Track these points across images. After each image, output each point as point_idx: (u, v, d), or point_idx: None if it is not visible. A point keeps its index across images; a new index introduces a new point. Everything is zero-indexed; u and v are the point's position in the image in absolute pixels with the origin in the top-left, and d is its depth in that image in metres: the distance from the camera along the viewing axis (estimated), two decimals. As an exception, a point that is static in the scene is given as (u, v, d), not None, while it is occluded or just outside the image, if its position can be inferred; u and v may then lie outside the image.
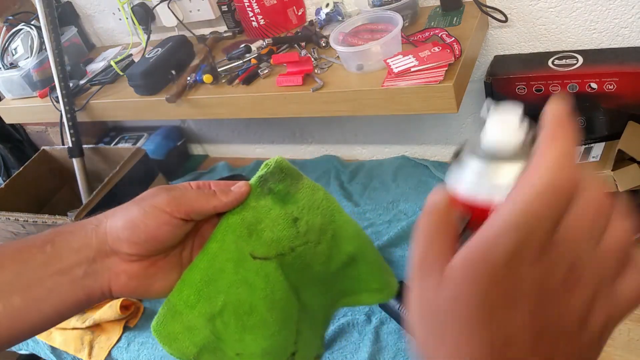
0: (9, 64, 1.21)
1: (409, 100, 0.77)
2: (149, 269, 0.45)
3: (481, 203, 0.28)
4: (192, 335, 0.45)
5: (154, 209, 0.43)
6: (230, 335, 0.46)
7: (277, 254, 0.48)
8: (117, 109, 1.09)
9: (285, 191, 0.48)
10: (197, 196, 0.45)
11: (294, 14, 1.02)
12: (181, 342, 0.45)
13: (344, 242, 0.52)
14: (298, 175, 0.50)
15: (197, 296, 0.45)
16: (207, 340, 0.46)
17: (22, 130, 1.53)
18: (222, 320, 0.46)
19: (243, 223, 0.47)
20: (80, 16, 1.32)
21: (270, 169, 0.49)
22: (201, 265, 0.46)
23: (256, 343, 0.47)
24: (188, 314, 0.45)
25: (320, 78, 0.85)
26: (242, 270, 0.46)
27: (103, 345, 1.01)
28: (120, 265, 0.44)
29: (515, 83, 0.88)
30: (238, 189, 0.47)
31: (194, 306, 0.45)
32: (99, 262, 0.43)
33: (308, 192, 0.50)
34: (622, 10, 0.83)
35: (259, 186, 0.48)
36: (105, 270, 0.44)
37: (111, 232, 0.43)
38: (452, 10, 0.89)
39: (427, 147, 1.17)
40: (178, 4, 1.11)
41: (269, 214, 0.48)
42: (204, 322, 0.45)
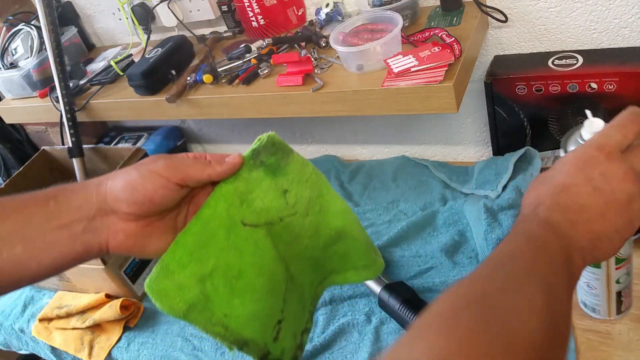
0: (9, 64, 1.21)
1: (409, 100, 0.77)
2: (145, 229, 0.48)
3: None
4: (182, 293, 0.48)
5: (152, 173, 0.46)
6: (219, 297, 0.49)
7: (266, 222, 0.51)
8: (117, 109, 1.09)
9: (276, 164, 0.52)
10: (193, 164, 0.49)
11: (294, 14, 1.02)
12: (171, 299, 0.48)
13: (331, 216, 0.55)
14: (289, 150, 0.53)
15: (188, 258, 0.48)
16: (197, 299, 0.48)
17: (22, 130, 1.53)
18: (211, 282, 0.49)
19: (235, 192, 0.50)
20: (80, 16, 1.32)
21: (262, 142, 0.52)
22: (194, 230, 0.49)
23: (243, 306, 0.50)
24: (179, 274, 0.48)
25: (320, 78, 0.85)
26: (233, 236, 0.49)
27: (103, 345, 1.01)
28: (119, 224, 0.47)
29: (515, 83, 0.88)
30: (232, 159, 0.50)
31: (186, 267, 0.48)
32: (98, 220, 0.46)
33: (298, 166, 0.53)
34: (622, 10, 0.83)
35: (251, 158, 0.51)
36: (104, 228, 0.47)
37: (111, 192, 0.46)
38: (452, 10, 0.89)
39: (427, 147, 1.17)
40: (178, 4, 1.11)
41: (260, 185, 0.51)
42: (194, 282, 0.48)
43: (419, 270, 0.89)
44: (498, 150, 1.01)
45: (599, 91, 0.83)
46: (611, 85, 0.82)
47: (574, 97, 0.85)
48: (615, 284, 0.66)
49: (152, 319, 1.02)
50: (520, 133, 0.95)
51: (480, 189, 0.96)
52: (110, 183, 0.47)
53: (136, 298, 1.04)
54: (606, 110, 0.85)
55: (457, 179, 1.04)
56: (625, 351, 0.69)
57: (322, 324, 0.87)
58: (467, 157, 1.15)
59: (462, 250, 0.90)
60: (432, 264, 0.89)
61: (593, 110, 0.85)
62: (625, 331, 0.70)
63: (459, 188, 1.01)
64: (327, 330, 0.85)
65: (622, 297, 0.68)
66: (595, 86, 0.83)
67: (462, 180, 1.03)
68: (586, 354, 0.70)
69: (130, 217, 0.47)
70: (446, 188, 1.03)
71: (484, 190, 0.95)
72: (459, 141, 1.13)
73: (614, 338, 0.70)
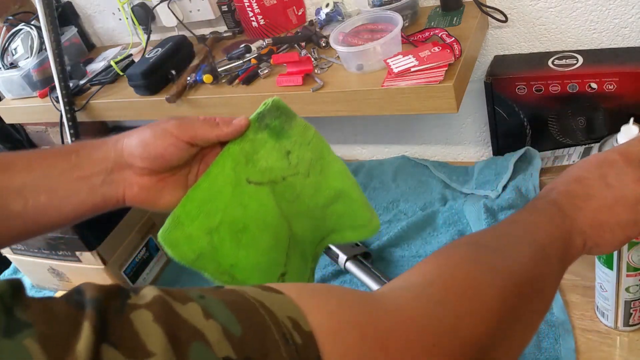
0: (9, 64, 1.21)
1: (409, 100, 0.77)
2: (158, 183, 0.52)
3: None
4: (191, 243, 0.52)
5: (163, 131, 0.50)
6: (226, 249, 0.53)
7: (270, 181, 0.55)
8: (117, 109, 1.09)
9: (280, 127, 0.55)
10: (202, 125, 0.52)
11: (294, 14, 1.02)
12: (181, 248, 0.52)
13: (331, 177, 0.58)
14: (292, 114, 0.56)
15: (197, 211, 0.52)
16: (205, 249, 0.52)
17: (22, 130, 1.53)
18: (219, 235, 0.52)
19: (241, 152, 0.54)
20: (80, 16, 1.32)
21: (267, 106, 0.55)
22: (203, 186, 0.52)
23: (248, 258, 0.54)
24: (189, 225, 0.52)
25: (320, 78, 0.85)
26: (238, 193, 0.53)
27: (103, 345, 1.01)
28: (134, 178, 0.51)
29: (515, 83, 0.88)
30: (238, 122, 0.53)
31: (195, 219, 0.52)
32: (115, 173, 0.51)
33: (300, 130, 0.56)
34: (622, 10, 0.83)
35: (257, 121, 0.55)
36: (120, 181, 0.51)
37: (127, 148, 0.51)
38: (452, 10, 0.89)
39: (427, 147, 1.17)
40: (178, 4, 1.11)
41: (265, 146, 0.54)
42: (202, 233, 0.52)
43: (419, 270, 0.89)
44: (498, 150, 1.01)
45: (599, 91, 0.83)
46: (611, 85, 0.82)
47: (574, 97, 0.85)
48: (625, 292, 0.65)
49: (152, 319, 1.02)
50: (520, 133, 0.95)
51: (480, 189, 0.96)
52: (126, 140, 0.51)
53: (136, 298, 1.04)
54: (606, 110, 0.85)
55: (457, 179, 1.04)
56: (625, 351, 0.69)
57: (322, 324, 0.87)
58: (467, 157, 1.15)
59: (462, 250, 0.90)
60: (432, 264, 0.89)
61: (593, 110, 0.86)
62: (626, 331, 0.70)
63: (459, 188, 1.01)
64: (327, 330, 0.85)
65: (632, 309, 0.67)
66: (595, 86, 0.83)
67: (462, 180, 1.03)
68: (586, 354, 0.70)
69: (144, 172, 0.51)
70: (446, 188, 1.03)
71: (484, 190, 0.95)
72: (459, 141, 1.13)
73: (614, 338, 0.70)
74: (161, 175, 0.52)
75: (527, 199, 0.89)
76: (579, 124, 0.89)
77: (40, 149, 0.51)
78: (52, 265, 1.05)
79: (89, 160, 0.50)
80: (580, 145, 0.91)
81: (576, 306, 0.75)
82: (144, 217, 1.05)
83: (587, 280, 0.78)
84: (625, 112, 0.82)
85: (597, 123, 0.87)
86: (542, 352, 0.71)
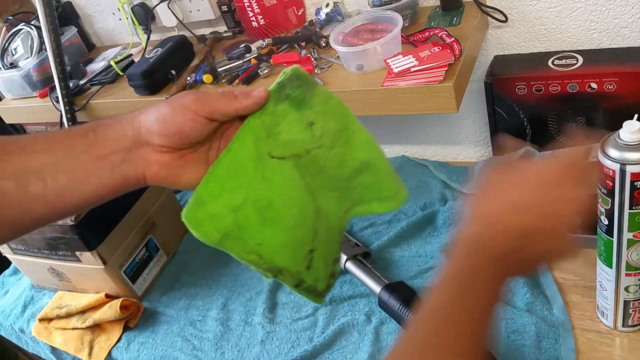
0: (9, 64, 1.21)
1: (409, 100, 0.77)
2: (178, 160, 0.50)
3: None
4: (216, 222, 0.50)
5: (181, 106, 0.48)
6: (251, 227, 0.51)
7: (293, 154, 0.52)
8: (117, 109, 1.09)
9: (301, 97, 0.52)
10: (221, 98, 0.50)
11: (294, 14, 1.02)
12: (206, 228, 0.49)
13: (356, 148, 0.56)
14: (313, 83, 0.53)
15: (220, 189, 0.50)
16: (230, 228, 0.50)
17: (22, 130, 1.53)
18: (243, 212, 0.50)
19: (262, 125, 0.51)
20: (80, 16, 1.32)
21: (287, 76, 0.52)
22: (224, 162, 0.50)
23: (275, 236, 0.52)
24: (212, 204, 0.50)
25: (320, 78, 0.85)
26: (261, 168, 0.51)
27: (103, 345, 1.01)
28: (153, 155, 0.49)
29: (515, 83, 0.88)
30: (258, 93, 0.51)
31: (217, 197, 0.50)
32: (134, 151, 0.49)
33: (322, 99, 0.53)
34: (622, 10, 0.83)
35: (277, 92, 0.52)
36: (139, 159, 0.49)
37: (144, 124, 0.49)
38: (452, 10, 0.89)
39: (427, 147, 1.17)
40: (178, 4, 1.11)
41: (286, 118, 0.52)
42: (226, 212, 0.50)
43: (419, 270, 0.89)
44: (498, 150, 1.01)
45: (599, 91, 0.83)
46: (611, 85, 0.82)
47: (574, 97, 0.85)
48: (624, 291, 0.65)
49: (152, 319, 1.02)
50: (520, 133, 0.95)
51: (480, 189, 0.96)
52: (143, 117, 0.49)
53: (136, 298, 1.04)
54: (606, 110, 0.85)
55: (457, 179, 1.04)
56: (625, 351, 0.69)
57: (322, 324, 0.87)
58: (467, 157, 1.15)
59: (462, 250, 0.90)
60: (432, 264, 0.89)
61: (593, 110, 0.86)
62: (625, 332, 0.70)
63: (459, 188, 1.01)
64: (327, 330, 0.85)
65: (631, 309, 0.67)
66: (595, 86, 0.83)
67: (462, 180, 1.03)
68: (586, 354, 0.70)
69: (164, 149, 0.49)
70: (446, 188, 1.03)
71: (484, 190, 0.95)
72: (459, 141, 1.13)
73: (614, 338, 0.70)
74: (181, 152, 0.50)
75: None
76: (579, 124, 0.89)
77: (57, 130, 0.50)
78: (52, 265, 1.05)
79: (106, 138, 0.49)
80: (580, 145, 0.91)
81: (576, 306, 0.75)
82: (144, 217, 1.05)
83: (587, 280, 0.78)
84: (625, 112, 0.82)
85: (597, 123, 0.87)
86: (542, 352, 0.71)
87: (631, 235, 0.60)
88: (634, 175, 0.55)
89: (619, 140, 0.56)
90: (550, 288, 0.79)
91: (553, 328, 0.73)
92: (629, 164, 0.55)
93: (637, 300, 0.66)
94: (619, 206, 0.58)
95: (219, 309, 0.97)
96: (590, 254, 0.81)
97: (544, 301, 0.77)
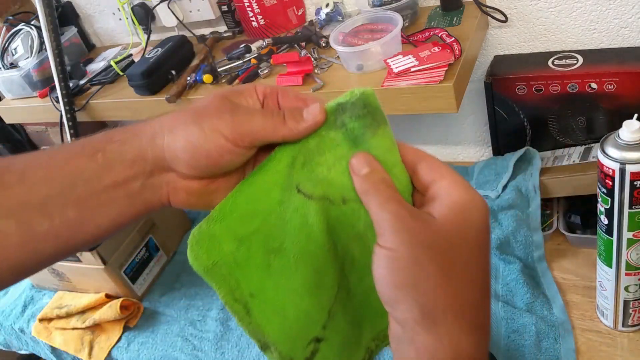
0: (9, 64, 1.21)
1: (409, 100, 0.77)
2: (209, 185, 0.43)
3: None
4: (211, 245, 0.41)
5: (216, 133, 0.39)
6: (251, 269, 0.41)
7: (322, 196, 0.40)
8: (117, 109, 1.09)
9: (360, 131, 0.40)
10: (264, 123, 0.40)
11: (294, 14, 1.02)
12: (198, 248, 0.41)
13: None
14: (381, 119, 0.40)
15: (232, 208, 0.41)
16: (225, 260, 0.41)
17: (22, 130, 1.53)
18: (248, 246, 0.41)
19: (304, 148, 0.41)
20: (80, 16, 1.32)
21: (352, 98, 0.40)
22: (252, 180, 0.42)
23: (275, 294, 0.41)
24: (218, 223, 0.41)
25: (320, 78, 0.85)
26: (286, 200, 0.41)
27: (103, 345, 1.01)
28: (179, 182, 0.42)
29: (515, 83, 0.88)
30: (313, 118, 0.40)
31: (226, 217, 0.41)
32: (156, 176, 0.41)
33: (385, 144, 0.40)
34: (622, 10, 0.83)
35: (333, 114, 0.40)
36: (163, 185, 0.42)
37: (169, 150, 0.40)
38: (452, 10, 0.89)
39: (427, 147, 1.17)
40: (178, 4, 1.11)
41: (334, 150, 0.40)
42: (229, 238, 0.41)
43: (419, 270, 0.89)
44: (498, 150, 1.01)
45: (599, 91, 0.83)
46: (611, 85, 0.82)
47: (574, 97, 0.85)
48: (624, 291, 0.65)
49: (152, 319, 1.02)
50: (520, 133, 0.95)
51: (480, 189, 0.96)
52: (167, 140, 0.40)
53: (136, 298, 1.04)
54: (606, 110, 0.85)
55: (457, 179, 1.04)
56: (625, 351, 0.69)
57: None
58: (467, 157, 1.15)
59: (462, 250, 0.90)
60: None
61: (593, 110, 0.86)
62: (625, 332, 0.70)
63: (459, 188, 1.01)
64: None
65: (631, 309, 0.67)
66: (595, 86, 0.83)
67: (462, 180, 1.03)
68: (587, 354, 0.70)
69: (192, 176, 0.42)
70: (446, 188, 1.03)
71: (484, 190, 0.95)
72: (459, 141, 1.13)
73: (615, 338, 0.70)
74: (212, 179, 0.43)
75: (527, 199, 0.89)
76: (579, 124, 0.89)
77: (58, 148, 0.42)
78: (52, 265, 1.05)
79: (120, 161, 0.40)
80: (580, 145, 0.91)
81: (576, 306, 0.75)
82: (143, 217, 1.05)
83: (587, 280, 0.78)
84: (625, 112, 0.82)
85: (597, 123, 0.87)
86: (542, 352, 0.71)
87: (631, 234, 0.60)
88: (634, 175, 0.55)
89: (618, 140, 0.56)
90: (550, 288, 0.79)
91: (553, 328, 0.73)
92: (629, 164, 0.55)
93: (637, 300, 0.66)
94: (619, 206, 0.58)
95: (219, 309, 0.97)
96: (590, 254, 0.81)
97: (544, 301, 0.77)
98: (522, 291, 0.78)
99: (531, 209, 0.87)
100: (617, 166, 0.56)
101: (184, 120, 0.40)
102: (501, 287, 0.81)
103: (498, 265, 0.84)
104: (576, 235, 0.84)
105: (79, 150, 0.41)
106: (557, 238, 0.87)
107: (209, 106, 0.41)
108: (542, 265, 0.83)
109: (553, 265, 0.83)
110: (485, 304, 0.37)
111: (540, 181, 0.89)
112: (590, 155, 0.87)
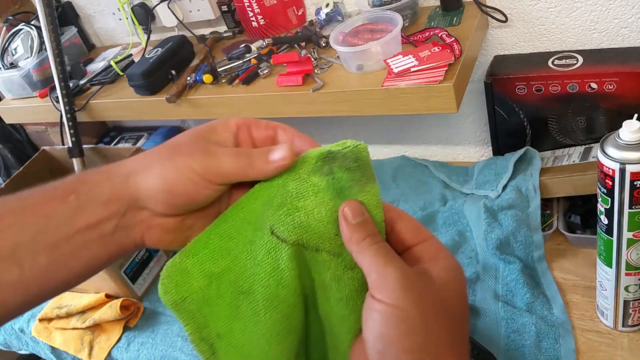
0: (9, 64, 1.21)
1: (409, 100, 0.77)
2: (185, 221, 0.42)
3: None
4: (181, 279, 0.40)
5: (191, 171, 0.39)
6: (219, 309, 0.40)
7: (297, 242, 0.38)
8: (117, 109, 1.09)
9: (348, 184, 0.39)
10: (233, 164, 0.40)
11: (294, 14, 1.02)
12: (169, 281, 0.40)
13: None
14: (371, 176, 0.40)
15: (204, 244, 0.41)
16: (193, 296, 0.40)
17: (22, 130, 1.53)
18: (218, 285, 0.40)
19: (281, 189, 0.40)
20: (80, 16, 1.32)
21: (345, 149, 0.39)
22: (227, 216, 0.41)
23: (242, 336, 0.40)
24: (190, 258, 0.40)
25: (320, 78, 0.85)
26: (257, 240, 0.40)
27: (103, 345, 1.01)
28: (154, 220, 0.41)
29: (515, 83, 0.88)
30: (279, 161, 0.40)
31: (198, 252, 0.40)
32: (129, 216, 0.40)
33: (372, 201, 0.40)
34: (622, 10, 0.83)
35: (321, 160, 0.39)
36: (137, 224, 0.41)
37: (145, 190, 0.40)
38: (452, 10, 0.89)
39: (427, 147, 1.17)
40: (178, 4, 1.11)
41: (315, 196, 0.39)
42: (199, 274, 0.40)
43: (419, 270, 0.89)
44: (498, 150, 1.01)
45: (599, 91, 0.83)
46: (611, 85, 0.82)
47: (574, 97, 0.85)
48: (624, 291, 0.65)
49: (152, 319, 1.02)
50: (520, 133, 0.95)
51: (480, 189, 0.96)
52: (141, 179, 0.40)
53: (136, 298, 1.04)
54: (606, 110, 0.85)
55: (457, 179, 1.04)
56: (625, 351, 0.69)
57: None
58: (467, 157, 1.15)
59: (462, 251, 0.90)
60: (432, 264, 0.89)
61: (593, 110, 0.86)
62: (625, 332, 0.70)
63: (459, 188, 1.01)
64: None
65: (631, 309, 0.67)
66: (595, 86, 0.83)
67: (462, 180, 1.03)
68: (587, 354, 0.70)
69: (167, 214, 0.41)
70: (446, 188, 1.03)
71: (484, 190, 0.95)
72: (459, 141, 1.13)
73: (615, 338, 0.70)
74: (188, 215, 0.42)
75: (527, 199, 0.89)
76: (579, 124, 0.89)
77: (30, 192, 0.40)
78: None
79: (93, 202, 0.39)
80: (580, 145, 0.91)
81: (576, 306, 0.75)
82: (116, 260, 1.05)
83: (587, 280, 0.78)
84: (625, 112, 0.82)
85: (597, 123, 0.87)
86: (542, 352, 0.71)
87: (631, 234, 0.60)
88: (634, 175, 0.55)
89: (618, 140, 0.56)
90: (550, 288, 0.79)
91: (553, 328, 0.73)
92: (629, 164, 0.55)
93: (637, 300, 0.66)
94: (619, 206, 0.58)
95: (219, 309, 0.97)
96: (590, 254, 0.81)
97: (544, 301, 0.77)
98: (522, 291, 0.78)
99: (531, 209, 0.87)
100: (617, 166, 0.56)
101: (158, 158, 0.40)
102: (501, 287, 0.81)
103: (498, 265, 0.84)
104: (576, 235, 0.84)
105: (50, 193, 0.40)
106: (557, 238, 0.87)
107: (182, 145, 0.41)
108: (542, 265, 0.83)
109: (553, 265, 0.83)
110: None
111: (540, 181, 0.89)
112: (590, 155, 0.87)
